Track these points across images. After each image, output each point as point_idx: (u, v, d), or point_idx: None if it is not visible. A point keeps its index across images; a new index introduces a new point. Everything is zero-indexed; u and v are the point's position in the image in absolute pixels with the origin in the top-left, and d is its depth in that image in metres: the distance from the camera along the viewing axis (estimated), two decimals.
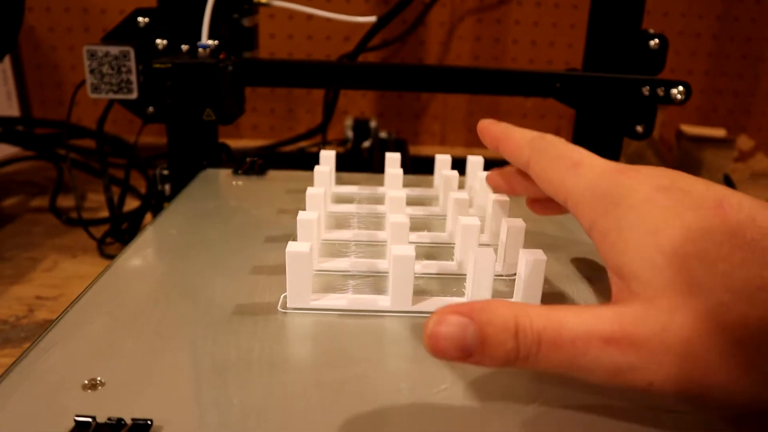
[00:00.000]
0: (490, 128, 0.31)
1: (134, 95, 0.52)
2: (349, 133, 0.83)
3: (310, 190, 0.36)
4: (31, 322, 0.46)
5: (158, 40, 0.53)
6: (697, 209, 0.21)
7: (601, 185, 0.24)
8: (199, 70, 0.49)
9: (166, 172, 0.56)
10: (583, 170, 0.25)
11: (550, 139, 0.28)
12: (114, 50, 0.52)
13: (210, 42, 0.52)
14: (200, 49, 0.51)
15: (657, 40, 0.57)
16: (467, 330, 0.19)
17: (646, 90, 0.56)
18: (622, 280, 0.22)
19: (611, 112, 0.58)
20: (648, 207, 0.22)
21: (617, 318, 0.20)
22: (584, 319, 0.20)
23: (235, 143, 0.75)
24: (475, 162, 0.46)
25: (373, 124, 0.83)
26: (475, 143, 1.03)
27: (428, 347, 0.20)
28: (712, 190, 0.22)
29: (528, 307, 0.20)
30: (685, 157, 0.90)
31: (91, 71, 0.52)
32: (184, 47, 0.53)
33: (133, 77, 0.52)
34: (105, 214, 0.64)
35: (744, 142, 0.97)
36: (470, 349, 0.20)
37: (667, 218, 0.21)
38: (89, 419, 0.21)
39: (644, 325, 0.19)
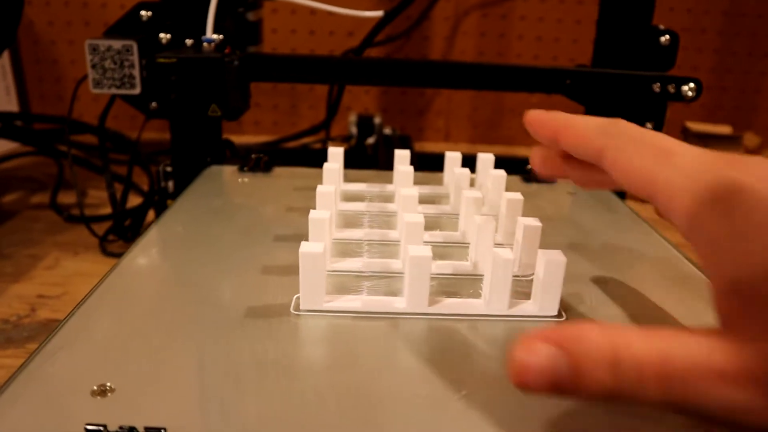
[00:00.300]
0: (542, 119, 0.27)
1: (137, 90, 0.51)
2: (353, 130, 0.82)
3: (320, 188, 0.35)
4: (34, 322, 0.45)
5: (162, 35, 0.52)
6: None
7: (705, 178, 0.19)
8: (205, 64, 0.48)
9: (169, 168, 0.55)
10: (677, 159, 0.20)
11: (627, 123, 0.24)
12: (117, 44, 0.51)
13: (215, 36, 0.51)
14: (205, 44, 0.50)
15: (668, 36, 0.56)
16: (559, 362, 0.18)
17: (656, 87, 0.55)
18: (739, 298, 0.18)
19: (620, 109, 0.57)
20: None
21: (737, 352, 0.17)
22: (695, 350, 0.17)
23: (237, 139, 0.74)
24: (485, 159, 0.45)
25: (377, 120, 0.82)
26: (479, 139, 1.02)
27: (514, 379, 0.18)
28: None
29: (627, 333, 0.18)
30: None
31: (93, 66, 0.51)
32: (189, 42, 0.52)
33: (136, 72, 0.51)
34: (106, 210, 0.63)
35: (750, 139, 0.96)
36: (563, 383, 0.18)
37: None
38: (100, 428, 0.20)
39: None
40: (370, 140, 0.79)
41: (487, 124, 1.02)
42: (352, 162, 0.51)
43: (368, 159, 0.77)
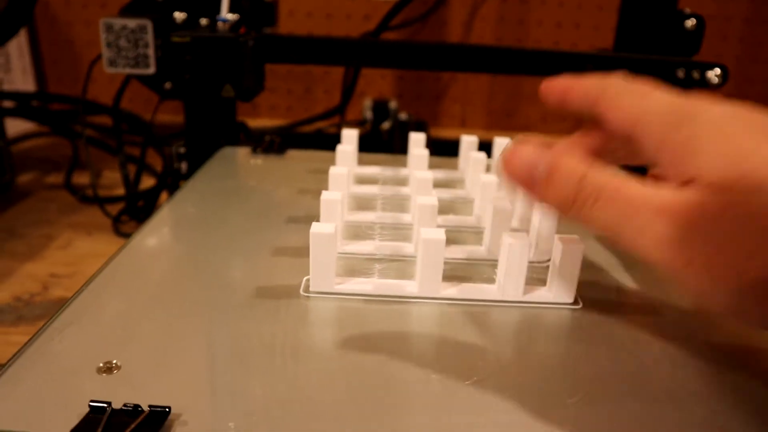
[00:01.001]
0: (554, 83, 0.30)
1: (151, 70, 0.51)
2: (368, 114, 0.81)
3: (333, 170, 0.35)
4: (45, 300, 0.46)
5: (176, 14, 0.52)
6: None
7: (675, 104, 0.23)
8: (219, 44, 0.48)
9: (182, 150, 0.55)
10: (655, 95, 0.24)
11: (620, 75, 0.27)
12: (131, 23, 0.50)
13: (230, 16, 0.50)
14: (220, 23, 0.50)
15: (694, 20, 0.55)
16: (540, 161, 0.22)
17: (681, 72, 0.53)
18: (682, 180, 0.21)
19: None
20: (731, 124, 0.20)
21: (676, 193, 0.20)
22: (645, 188, 0.20)
23: (252, 123, 0.74)
24: (502, 144, 0.44)
25: (392, 105, 0.81)
26: (495, 126, 1.01)
27: (503, 162, 0.22)
28: None
29: (599, 166, 0.21)
30: None
31: (108, 45, 0.51)
32: (203, 21, 0.51)
33: (151, 51, 0.51)
34: (120, 191, 0.63)
35: None
36: (537, 179, 0.21)
37: (745, 131, 0.20)
38: (104, 404, 0.19)
39: (700, 204, 0.19)
40: (386, 125, 0.78)
41: (503, 111, 1.00)
42: (366, 147, 0.51)
43: (383, 144, 0.76)
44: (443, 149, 0.51)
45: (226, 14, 0.50)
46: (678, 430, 0.20)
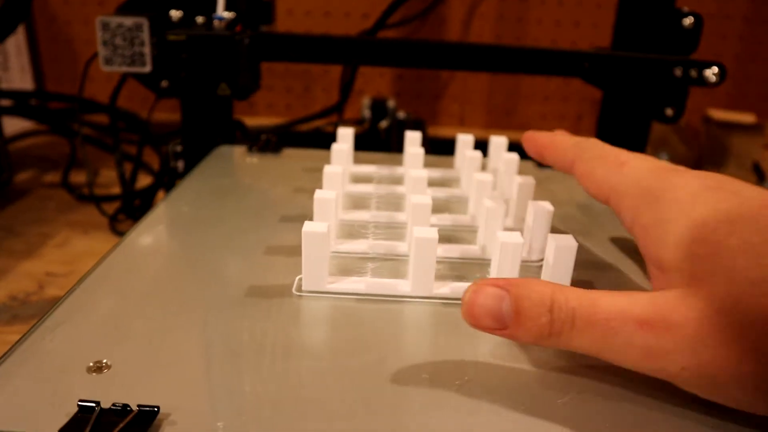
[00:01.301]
0: (534, 137, 0.33)
1: (147, 68, 0.51)
2: (367, 113, 0.81)
3: (327, 168, 0.35)
4: (41, 299, 0.46)
5: (173, 12, 0.51)
6: (741, 206, 0.20)
7: (646, 180, 0.24)
8: (215, 42, 0.48)
9: (179, 148, 0.55)
10: (628, 168, 0.25)
11: (595, 140, 0.29)
12: (127, 22, 0.50)
13: (226, 14, 0.50)
14: (216, 21, 0.49)
15: (692, 18, 0.55)
16: (503, 301, 0.20)
17: (678, 71, 0.53)
18: (661, 271, 0.22)
19: (640, 94, 0.55)
20: (692, 202, 0.21)
21: (653, 302, 0.20)
22: (619, 301, 0.20)
23: (250, 121, 0.73)
24: (498, 143, 0.44)
25: (391, 103, 0.81)
26: (494, 125, 1.01)
27: (464, 314, 0.21)
28: (762, 194, 0.21)
29: (564, 287, 0.21)
30: (712, 143, 0.87)
31: (104, 43, 0.51)
32: (200, 19, 0.51)
33: (147, 50, 0.51)
34: (118, 190, 0.63)
35: None
36: (505, 320, 0.20)
37: (710, 212, 0.21)
38: (93, 404, 0.19)
39: (681, 310, 0.19)
40: (383, 124, 0.78)
41: (502, 110, 1.00)
42: (364, 145, 0.51)
43: (381, 142, 0.76)
44: (442, 148, 0.51)
45: (222, 12, 0.50)
46: (671, 428, 0.20)
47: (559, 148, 0.30)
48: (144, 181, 0.65)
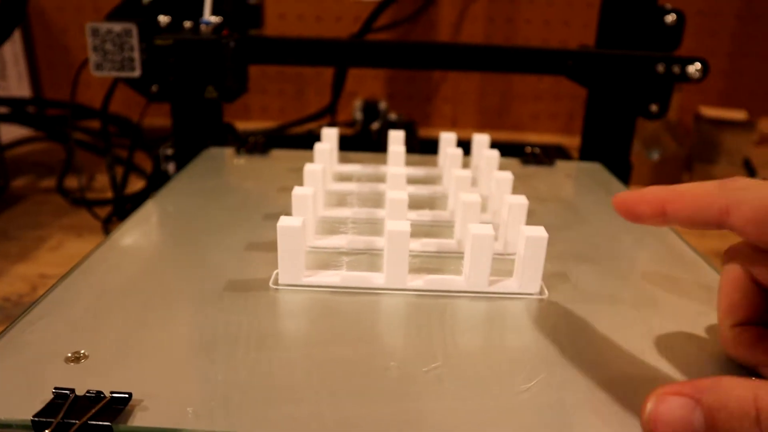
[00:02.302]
0: (639, 197, 0.23)
1: (137, 73, 0.52)
2: (358, 115, 0.82)
3: (307, 167, 0.36)
4: (34, 301, 0.46)
5: (161, 17, 0.52)
6: None
7: None
8: (201, 46, 0.48)
9: (170, 151, 0.56)
10: None
11: (744, 179, 0.22)
12: (117, 27, 0.51)
13: (213, 18, 0.51)
14: (203, 26, 0.50)
15: (674, 16, 0.55)
16: (693, 414, 0.17)
17: (661, 67, 0.54)
18: None
19: (625, 91, 0.56)
20: None
21: None
22: None
23: (244, 125, 0.74)
24: (480, 140, 0.44)
25: (382, 105, 0.82)
26: (486, 126, 1.01)
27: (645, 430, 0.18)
28: None
29: None
30: (704, 140, 0.88)
31: (94, 49, 0.52)
32: (187, 24, 0.52)
33: (136, 55, 0.51)
34: (111, 194, 0.64)
35: (766, 125, 0.94)
36: None
37: None
38: (68, 391, 0.20)
39: None
40: (375, 125, 0.79)
41: (494, 111, 1.01)
42: (356, 147, 0.51)
43: (372, 144, 0.77)
44: (433, 149, 0.52)
45: (209, 17, 0.51)
46: (630, 412, 0.21)
47: (697, 196, 0.22)
48: (138, 184, 0.66)
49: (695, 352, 0.25)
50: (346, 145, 0.44)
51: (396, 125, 0.80)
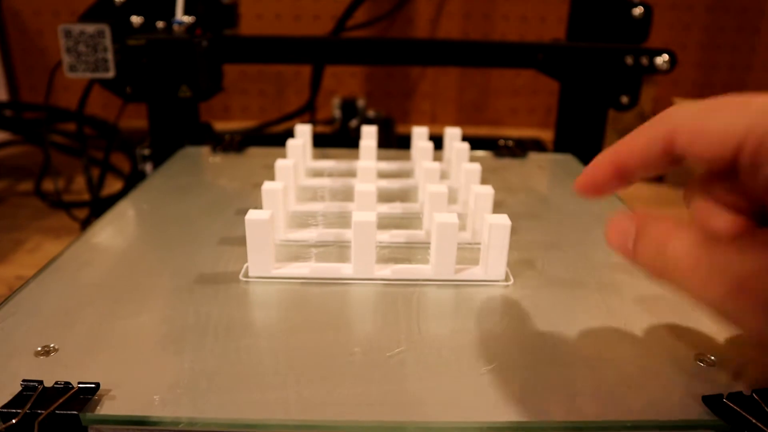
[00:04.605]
0: (595, 166, 0.24)
1: (111, 74, 0.52)
2: (337, 113, 0.83)
3: (278, 162, 0.36)
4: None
5: (134, 18, 0.53)
6: None
7: None
8: (173, 46, 0.49)
9: (147, 152, 0.56)
10: (756, 107, 0.19)
11: (675, 105, 0.22)
12: (89, 29, 0.51)
13: (185, 18, 0.51)
14: (175, 26, 0.51)
15: (641, 9, 0.56)
16: (630, 231, 0.21)
17: (629, 59, 0.55)
18: None
19: (595, 83, 0.57)
20: None
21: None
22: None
23: (224, 125, 0.75)
24: (452, 134, 0.45)
25: (360, 103, 0.83)
26: (465, 121, 1.02)
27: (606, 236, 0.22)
28: None
29: (682, 233, 0.20)
30: None
31: (68, 50, 0.52)
32: (160, 24, 0.52)
33: (110, 56, 0.52)
34: (89, 196, 0.64)
35: None
36: (627, 247, 0.21)
37: None
38: (36, 383, 0.20)
39: None
40: (354, 123, 0.80)
41: (473, 106, 1.02)
42: (335, 144, 0.52)
43: (351, 141, 0.77)
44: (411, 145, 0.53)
45: (182, 17, 0.51)
46: (586, 390, 0.22)
47: (636, 139, 0.22)
48: (116, 186, 0.66)
49: (654, 331, 0.25)
50: (325, 142, 0.45)
51: (374, 122, 0.80)
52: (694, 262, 0.19)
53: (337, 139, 0.80)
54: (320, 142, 0.48)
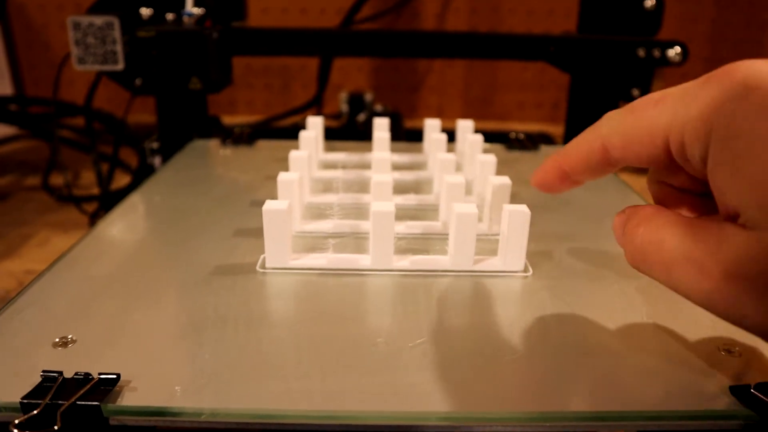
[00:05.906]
0: (544, 167, 0.25)
1: (120, 66, 0.51)
2: (344, 107, 0.82)
3: (293, 153, 0.36)
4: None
5: (143, 10, 0.52)
6: None
7: (710, 110, 0.18)
8: (184, 37, 0.48)
9: (155, 145, 0.55)
10: (671, 100, 0.19)
11: (610, 112, 0.22)
12: (98, 20, 0.51)
13: (195, 10, 0.51)
14: (185, 18, 0.50)
15: (653, 0, 0.56)
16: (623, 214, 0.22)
17: (641, 52, 0.54)
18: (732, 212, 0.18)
19: (606, 76, 0.56)
20: None
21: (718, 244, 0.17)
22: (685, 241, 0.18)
23: (231, 119, 0.74)
24: (465, 126, 0.45)
25: (368, 97, 0.82)
26: (472, 115, 1.02)
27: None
28: None
29: (649, 214, 0.21)
30: None
31: (76, 43, 0.52)
32: (170, 16, 0.52)
33: (119, 48, 0.51)
34: (97, 190, 0.64)
35: None
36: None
37: None
38: (56, 374, 0.20)
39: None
40: (361, 117, 0.79)
41: (480, 100, 1.01)
42: (342, 138, 0.51)
43: (359, 135, 0.77)
44: (419, 139, 0.52)
45: (192, 9, 0.51)
46: (610, 380, 0.21)
47: (576, 148, 0.23)
48: (124, 180, 0.65)
49: (677, 321, 0.25)
50: (332, 136, 0.44)
51: (382, 116, 0.80)
52: (655, 247, 0.20)
53: (344, 133, 0.79)
54: (328, 136, 0.48)
